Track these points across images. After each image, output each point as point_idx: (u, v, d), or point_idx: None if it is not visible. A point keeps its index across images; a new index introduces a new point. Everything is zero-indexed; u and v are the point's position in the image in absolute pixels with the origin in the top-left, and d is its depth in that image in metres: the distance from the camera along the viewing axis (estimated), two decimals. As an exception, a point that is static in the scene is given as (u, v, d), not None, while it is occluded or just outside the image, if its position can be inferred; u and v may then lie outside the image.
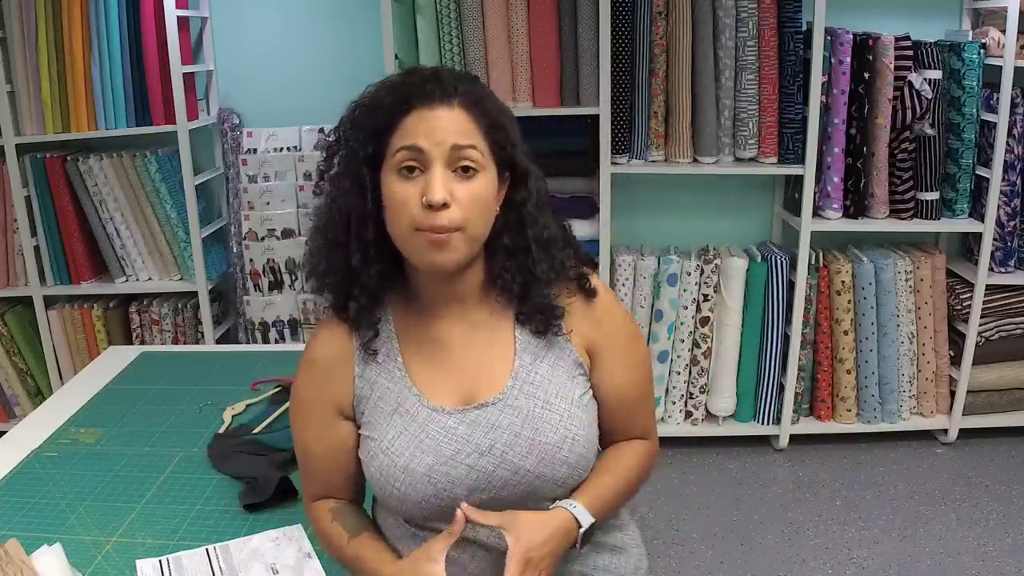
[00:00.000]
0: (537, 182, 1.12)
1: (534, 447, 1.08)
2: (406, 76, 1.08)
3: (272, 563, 1.38)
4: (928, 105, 2.85)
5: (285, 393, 1.96)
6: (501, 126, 1.08)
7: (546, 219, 1.12)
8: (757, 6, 2.82)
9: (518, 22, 2.83)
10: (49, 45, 2.89)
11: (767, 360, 3.13)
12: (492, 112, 1.08)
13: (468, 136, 1.04)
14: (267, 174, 3.06)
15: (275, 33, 3.17)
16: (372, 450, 1.11)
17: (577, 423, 1.11)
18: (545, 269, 1.11)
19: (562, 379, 1.12)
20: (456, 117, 1.04)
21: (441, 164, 1.03)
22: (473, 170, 1.04)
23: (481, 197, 1.05)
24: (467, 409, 1.10)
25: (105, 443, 1.79)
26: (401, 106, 1.04)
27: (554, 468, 1.09)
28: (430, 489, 1.08)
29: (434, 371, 1.12)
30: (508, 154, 1.09)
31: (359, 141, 1.07)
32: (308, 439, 1.17)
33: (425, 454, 1.08)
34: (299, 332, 3.17)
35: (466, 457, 1.08)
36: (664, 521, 2.76)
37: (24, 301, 3.21)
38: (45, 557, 1.31)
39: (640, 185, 3.15)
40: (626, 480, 1.18)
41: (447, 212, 1.02)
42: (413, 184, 1.03)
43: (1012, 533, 2.70)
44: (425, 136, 1.03)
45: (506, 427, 1.09)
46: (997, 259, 3.02)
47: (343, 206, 1.09)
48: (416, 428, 1.09)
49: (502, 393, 1.10)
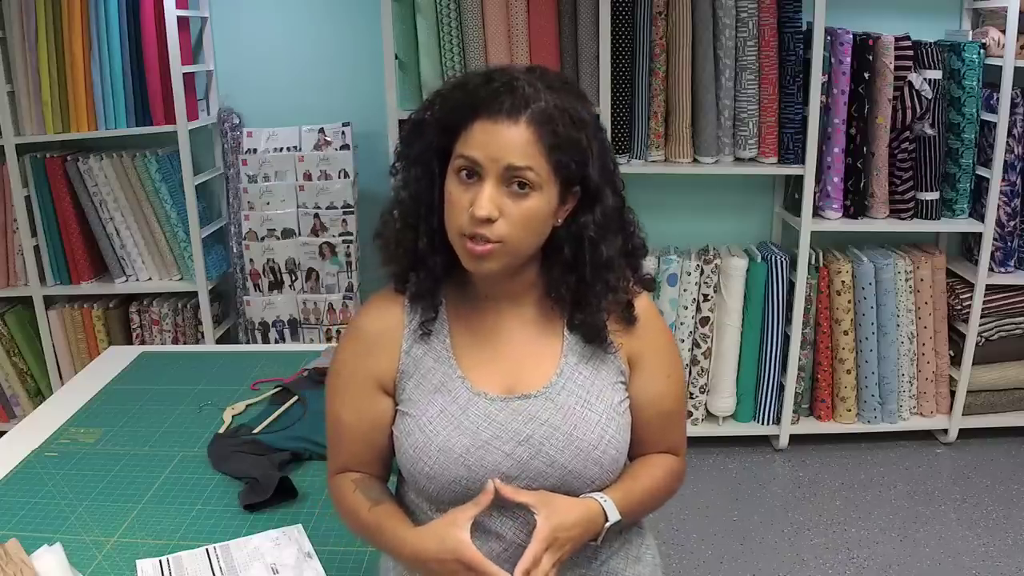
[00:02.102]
0: (606, 203, 1.10)
1: (571, 442, 1.09)
2: (487, 78, 1.05)
3: (272, 563, 1.38)
4: (928, 105, 2.85)
5: (285, 393, 1.96)
6: (573, 145, 1.05)
7: (608, 242, 1.10)
8: (757, 6, 2.82)
9: (518, 22, 2.83)
10: (49, 45, 2.89)
11: (767, 360, 3.13)
12: (563, 132, 1.03)
13: (527, 157, 1.02)
14: (267, 174, 3.06)
15: (275, 33, 3.17)
16: (409, 427, 1.12)
17: (614, 427, 1.12)
18: (598, 291, 1.11)
19: (603, 384, 1.14)
20: (519, 135, 1.02)
21: (494, 179, 1.03)
22: (528, 188, 1.04)
23: (532, 215, 1.05)
24: (509, 398, 1.11)
25: (105, 443, 1.79)
26: (469, 111, 1.04)
27: (587, 466, 1.10)
28: (462, 471, 1.08)
29: (481, 358, 1.14)
30: (576, 173, 1.07)
31: (431, 132, 1.08)
32: (343, 409, 1.16)
33: (463, 435, 1.09)
34: (299, 332, 3.17)
35: (503, 444, 1.09)
36: (664, 521, 2.76)
37: (24, 301, 3.21)
38: (45, 557, 1.31)
39: (640, 185, 3.13)
40: (654, 490, 1.19)
41: (493, 226, 1.03)
42: (468, 190, 1.04)
43: (1012, 533, 2.70)
44: (483, 149, 1.02)
45: (545, 420, 1.10)
46: (997, 259, 3.02)
47: (415, 191, 1.10)
48: (456, 409, 1.10)
49: (545, 387, 1.12)
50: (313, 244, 3.08)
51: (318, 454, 1.71)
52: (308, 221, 3.07)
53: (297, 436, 1.76)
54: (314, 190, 3.04)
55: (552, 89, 1.05)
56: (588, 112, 1.09)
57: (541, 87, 1.04)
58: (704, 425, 3.21)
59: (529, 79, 1.05)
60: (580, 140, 1.05)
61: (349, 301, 3.12)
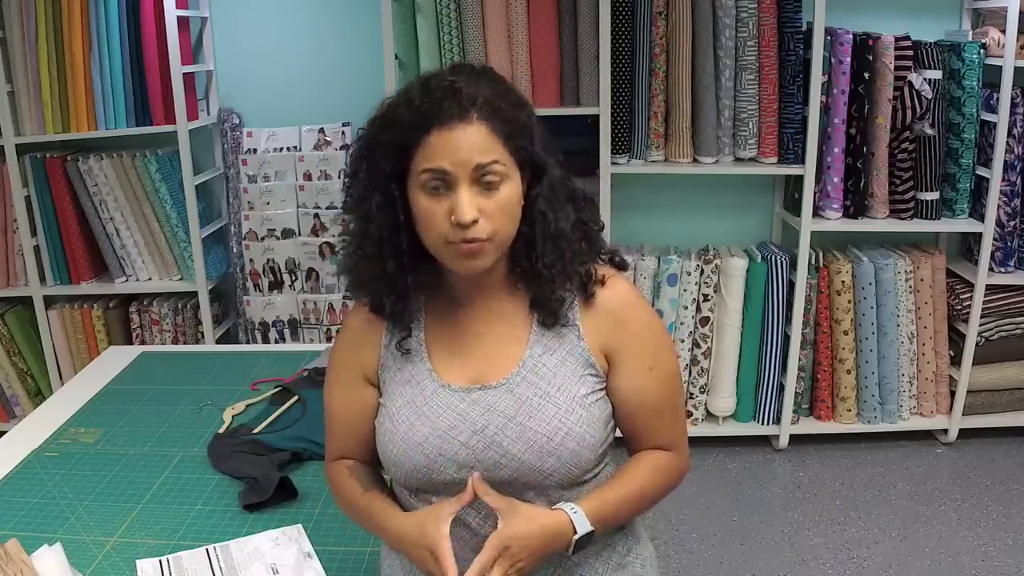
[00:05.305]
0: (552, 173, 1.13)
1: (524, 433, 1.10)
2: (424, 92, 1.07)
3: (272, 563, 1.38)
4: (928, 105, 2.85)
5: (285, 393, 1.96)
6: (521, 126, 1.09)
7: (558, 213, 1.12)
8: (757, 6, 2.82)
9: (518, 22, 2.83)
10: (49, 45, 2.89)
11: (767, 360, 3.13)
12: (510, 117, 1.07)
13: (489, 152, 1.05)
14: (267, 174, 3.06)
15: (275, 33, 3.17)
16: (381, 416, 1.18)
17: (574, 419, 1.11)
18: (549, 263, 1.12)
19: (568, 375, 1.14)
20: (476, 133, 1.04)
21: (466, 183, 1.04)
22: (498, 179, 1.06)
23: (508, 205, 1.07)
24: (471, 389, 1.14)
25: (105, 443, 1.79)
26: (421, 126, 1.05)
27: (542, 458, 1.10)
28: (421, 459, 1.12)
29: (451, 352, 1.17)
30: (528, 153, 1.10)
31: (383, 156, 1.09)
32: (334, 399, 1.23)
33: (424, 424, 1.13)
34: (299, 332, 3.17)
35: (459, 434, 1.11)
36: (664, 521, 2.76)
37: (24, 301, 3.21)
38: (45, 557, 1.32)
39: (640, 185, 3.15)
40: (639, 491, 1.18)
41: (477, 227, 1.05)
42: (440, 202, 1.05)
43: (1012, 533, 2.70)
44: (447, 157, 1.04)
45: (502, 411, 1.12)
46: (997, 259, 3.02)
47: (375, 219, 1.11)
48: (421, 400, 1.14)
49: (506, 379, 1.13)
50: (313, 244, 3.08)
51: (318, 454, 1.71)
52: (308, 221, 3.07)
53: (297, 436, 1.76)
54: (314, 190, 3.05)
55: (485, 80, 1.08)
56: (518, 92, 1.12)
57: (476, 81, 1.07)
58: (704, 425, 3.21)
59: (462, 77, 1.07)
60: (523, 120, 1.09)
61: (349, 301, 3.11)
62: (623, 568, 1.22)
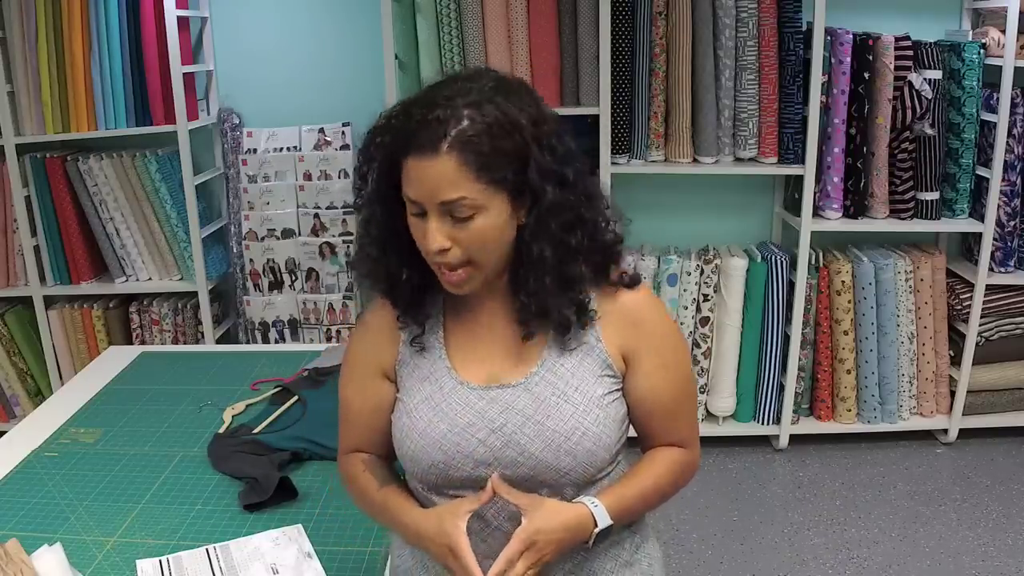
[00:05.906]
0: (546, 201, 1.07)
1: (542, 432, 1.11)
2: (406, 116, 1.06)
3: (272, 563, 1.38)
4: (928, 105, 2.85)
5: (285, 393, 1.96)
6: (504, 155, 1.03)
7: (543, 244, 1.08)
8: (757, 6, 2.82)
9: (518, 22, 2.83)
10: (49, 45, 2.89)
11: (767, 360, 3.13)
12: (488, 148, 1.02)
13: (455, 188, 1.02)
14: (267, 174, 3.06)
15: (275, 33, 3.17)
16: (399, 411, 1.19)
17: (591, 419, 1.13)
18: (531, 291, 1.11)
19: (585, 376, 1.15)
20: (444, 168, 1.02)
21: (435, 214, 1.05)
22: (470, 212, 1.04)
23: (482, 235, 1.06)
24: (490, 387, 1.15)
25: (105, 443, 1.79)
26: (400, 150, 1.06)
27: (559, 457, 1.11)
28: (439, 455, 1.13)
29: (469, 350, 1.18)
30: (519, 178, 1.06)
31: (379, 167, 1.11)
32: (350, 393, 1.24)
33: (441, 421, 1.14)
34: (299, 332, 3.17)
35: (478, 431, 1.13)
36: (664, 521, 2.77)
37: (24, 301, 3.21)
38: (45, 557, 1.31)
39: (640, 185, 3.15)
40: (654, 487, 1.20)
41: (449, 254, 1.06)
42: (421, 223, 1.07)
43: (1012, 533, 2.70)
44: (417, 188, 1.05)
45: (520, 409, 1.13)
46: (997, 259, 3.02)
47: (380, 227, 1.14)
48: (440, 397, 1.15)
49: (525, 379, 1.15)
50: (313, 244, 3.08)
51: (318, 454, 1.71)
52: (308, 221, 3.07)
53: (297, 436, 1.76)
54: (314, 190, 3.05)
55: (478, 101, 1.03)
56: (523, 110, 1.05)
57: (461, 104, 1.02)
58: (704, 425, 3.20)
59: (441, 103, 1.03)
60: (512, 147, 1.04)
61: (349, 301, 3.12)
62: (631, 566, 1.24)
